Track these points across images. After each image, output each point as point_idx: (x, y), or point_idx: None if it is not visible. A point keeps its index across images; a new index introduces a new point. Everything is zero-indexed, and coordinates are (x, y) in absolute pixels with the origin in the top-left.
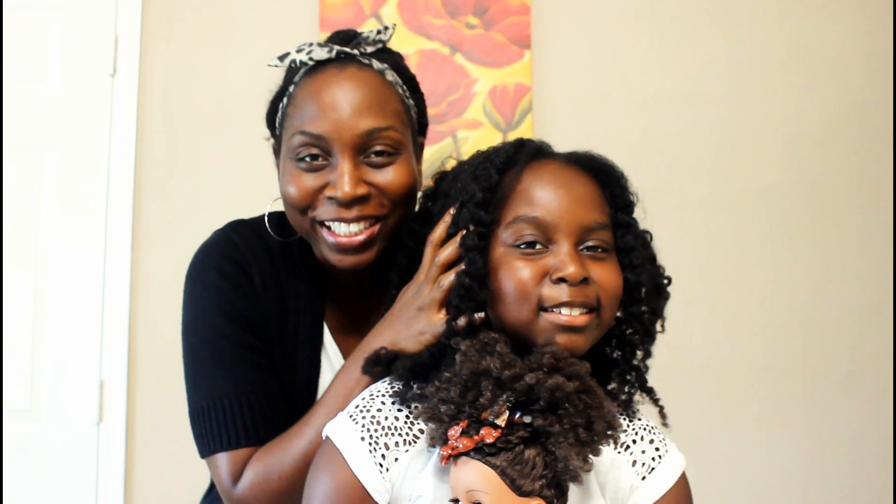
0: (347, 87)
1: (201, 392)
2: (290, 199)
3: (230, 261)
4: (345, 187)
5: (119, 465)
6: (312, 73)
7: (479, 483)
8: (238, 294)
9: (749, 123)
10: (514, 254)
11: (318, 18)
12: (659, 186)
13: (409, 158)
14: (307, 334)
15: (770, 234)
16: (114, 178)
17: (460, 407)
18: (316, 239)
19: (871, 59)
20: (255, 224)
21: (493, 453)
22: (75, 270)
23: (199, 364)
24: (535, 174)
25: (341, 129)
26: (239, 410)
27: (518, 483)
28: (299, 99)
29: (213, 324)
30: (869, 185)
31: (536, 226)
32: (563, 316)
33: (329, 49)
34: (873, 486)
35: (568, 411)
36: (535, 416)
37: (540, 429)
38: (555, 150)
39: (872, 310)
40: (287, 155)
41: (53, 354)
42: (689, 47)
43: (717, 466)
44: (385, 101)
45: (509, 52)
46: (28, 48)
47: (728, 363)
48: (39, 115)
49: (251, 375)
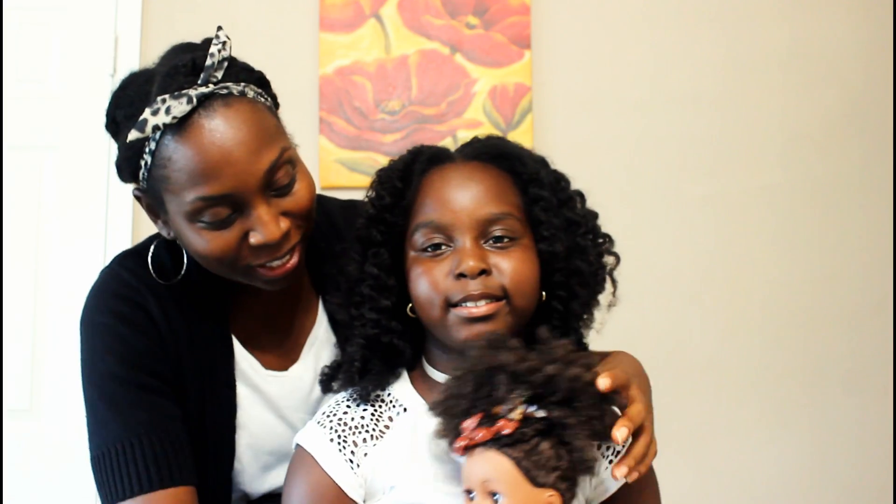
0: (227, 132)
1: (95, 440)
2: (209, 257)
3: (123, 300)
4: (272, 234)
5: None
6: (177, 129)
7: (495, 473)
8: (133, 332)
9: (749, 123)
10: (421, 258)
11: (318, 18)
12: (659, 186)
13: (302, 164)
14: (218, 352)
15: (770, 234)
16: (114, 178)
17: (474, 402)
18: (250, 278)
19: (871, 59)
20: (144, 253)
21: (509, 444)
22: (75, 270)
23: (93, 412)
24: (431, 180)
25: (243, 180)
26: (132, 455)
27: (533, 474)
28: (177, 161)
29: (104, 368)
30: (869, 185)
31: (436, 229)
32: (466, 309)
33: (188, 100)
34: (873, 486)
35: (583, 403)
36: (549, 408)
37: (556, 421)
38: (455, 148)
39: (872, 310)
40: (182, 217)
41: (53, 354)
42: (689, 47)
43: (717, 466)
44: (265, 126)
45: (509, 52)
46: (28, 48)
47: (728, 363)
48: (39, 115)
49: (143, 417)
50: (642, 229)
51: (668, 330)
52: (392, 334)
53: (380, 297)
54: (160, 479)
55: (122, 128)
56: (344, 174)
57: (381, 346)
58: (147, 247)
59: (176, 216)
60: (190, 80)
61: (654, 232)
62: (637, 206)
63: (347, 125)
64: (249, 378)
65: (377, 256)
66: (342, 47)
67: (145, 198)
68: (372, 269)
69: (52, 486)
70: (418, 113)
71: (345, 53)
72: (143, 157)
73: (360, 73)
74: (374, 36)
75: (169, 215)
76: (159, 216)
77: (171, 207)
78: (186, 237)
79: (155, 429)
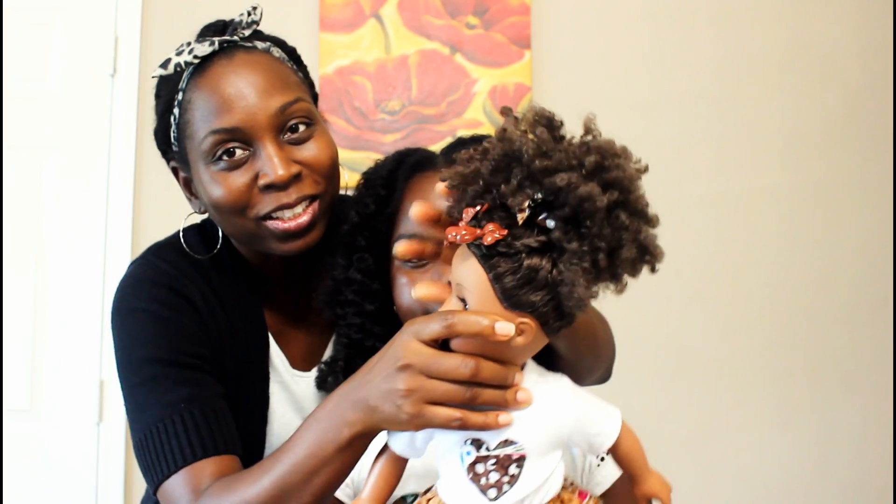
0: (244, 73)
1: (136, 426)
2: (224, 204)
3: (163, 287)
4: (278, 170)
5: (119, 465)
6: (200, 71)
7: (467, 280)
8: (175, 314)
9: (749, 123)
10: (402, 268)
11: (318, 18)
12: (659, 186)
13: (325, 129)
14: (255, 345)
15: (770, 233)
16: (114, 178)
17: (488, 186)
18: (261, 235)
19: (871, 59)
20: (174, 245)
21: (489, 255)
22: (75, 270)
23: (132, 399)
24: (414, 189)
25: (253, 113)
26: (173, 431)
27: (509, 293)
28: (196, 101)
29: (143, 354)
30: (869, 185)
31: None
32: None
33: (210, 42)
34: (873, 486)
35: (591, 230)
36: (558, 223)
37: (555, 241)
38: (438, 153)
39: (872, 310)
40: (201, 162)
41: (53, 354)
42: (689, 47)
43: (717, 466)
44: (283, 76)
45: (509, 52)
46: (28, 48)
47: (728, 363)
48: (39, 115)
49: (185, 392)
50: None
51: (669, 329)
52: (375, 339)
53: (364, 302)
54: (203, 449)
55: (158, 100)
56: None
57: (364, 349)
58: (176, 238)
59: (197, 165)
60: (217, 34)
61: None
62: None
63: (347, 125)
64: (280, 375)
65: (361, 262)
66: (342, 47)
67: (179, 166)
68: (356, 275)
69: (52, 486)
70: (418, 113)
71: (345, 53)
72: (172, 112)
73: (360, 73)
74: (374, 36)
75: (193, 172)
76: (192, 188)
77: (192, 157)
78: (206, 188)
79: (198, 402)
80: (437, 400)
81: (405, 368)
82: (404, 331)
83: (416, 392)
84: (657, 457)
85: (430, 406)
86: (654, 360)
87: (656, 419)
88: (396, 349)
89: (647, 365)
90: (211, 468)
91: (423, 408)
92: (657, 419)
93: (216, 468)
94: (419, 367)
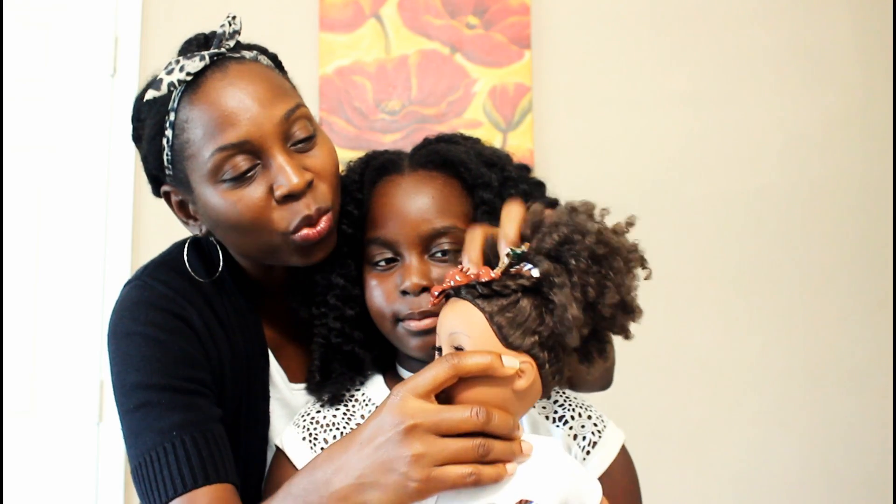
0: (241, 84)
1: (132, 452)
2: (243, 222)
3: (160, 310)
4: (293, 179)
5: (119, 465)
6: (192, 88)
7: (462, 325)
8: (172, 338)
9: (748, 123)
10: (373, 271)
11: (318, 18)
12: (658, 186)
13: (325, 133)
14: (255, 363)
15: (769, 234)
16: (114, 178)
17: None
18: (284, 250)
19: (871, 59)
20: (171, 263)
21: (485, 296)
22: (75, 270)
23: (128, 424)
24: (379, 193)
25: (260, 124)
26: (166, 460)
27: (506, 332)
28: (194, 119)
29: (138, 379)
30: (869, 185)
31: (384, 244)
32: (412, 322)
33: (201, 57)
34: (873, 486)
35: (578, 263)
36: (538, 262)
37: (543, 276)
38: (405, 154)
39: (872, 310)
40: (206, 182)
41: (53, 354)
42: (689, 47)
43: (717, 466)
44: (278, 83)
45: (509, 52)
46: (28, 48)
47: (727, 363)
48: (39, 115)
49: (178, 419)
50: (641, 229)
51: (668, 330)
52: (354, 343)
53: (345, 307)
54: (195, 479)
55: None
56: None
57: (342, 353)
58: (173, 256)
59: (201, 186)
60: (202, 48)
61: (654, 232)
62: (636, 205)
63: (347, 125)
64: (280, 391)
65: (343, 267)
66: (342, 47)
67: (173, 189)
68: (338, 280)
69: (52, 486)
70: (418, 113)
71: (345, 53)
72: (164, 134)
73: (360, 73)
74: (374, 36)
75: (195, 194)
76: (189, 210)
77: (194, 178)
78: (216, 209)
79: (191, 429)
80: (448, 460)
81: (412, 430)
82: (395, 394)
83: (426, 455)
84: (657, 456)
85: (439, 468)
86: (653, 359)
87: (656, 419)
88: (392, 413)
89: (646, 364)
90: (204, 499)
91: (433, 471)
92: (657, 419)
93: (209, 499)
94: (427, 426)
